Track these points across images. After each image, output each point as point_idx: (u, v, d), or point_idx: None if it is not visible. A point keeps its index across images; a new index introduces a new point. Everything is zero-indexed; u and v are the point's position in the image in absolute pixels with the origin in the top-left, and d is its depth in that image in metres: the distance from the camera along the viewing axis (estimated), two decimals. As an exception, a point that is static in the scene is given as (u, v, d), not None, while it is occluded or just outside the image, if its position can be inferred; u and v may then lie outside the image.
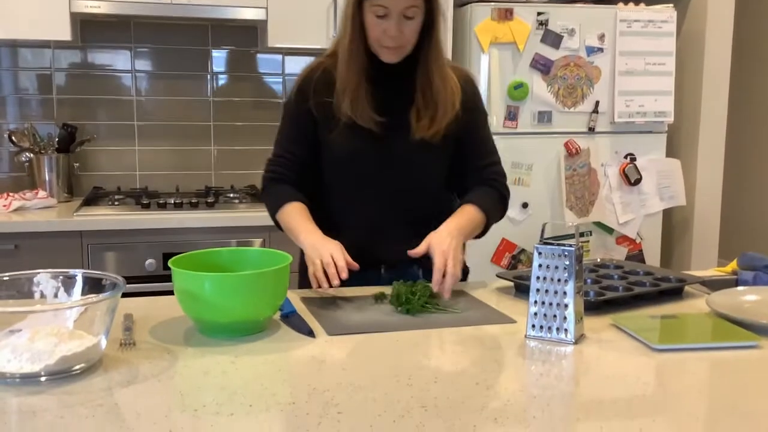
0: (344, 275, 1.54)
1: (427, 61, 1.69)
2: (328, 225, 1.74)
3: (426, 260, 1.74)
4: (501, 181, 1.81)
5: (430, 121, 1.70)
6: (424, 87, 1.70)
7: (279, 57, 3.31)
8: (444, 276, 1.55)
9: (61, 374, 1.14)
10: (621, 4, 2.98)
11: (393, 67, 1.71)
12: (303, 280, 1.78)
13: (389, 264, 1.76)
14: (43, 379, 1.13)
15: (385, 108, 1.70)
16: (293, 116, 1.78)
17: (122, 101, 3.18)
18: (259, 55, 3.30)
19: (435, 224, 1.77)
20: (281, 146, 1.79)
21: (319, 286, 1.56)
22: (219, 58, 3.26)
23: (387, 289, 1.61)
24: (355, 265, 1.58)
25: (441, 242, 1.59)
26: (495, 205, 1.77)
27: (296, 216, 1.70)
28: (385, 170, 1.73)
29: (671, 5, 3.03)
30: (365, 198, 1.75)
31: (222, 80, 3.28)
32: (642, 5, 2.99)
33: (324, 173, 1.78)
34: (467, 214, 1.70)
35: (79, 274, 1.32)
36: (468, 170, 1.80)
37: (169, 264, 1.37)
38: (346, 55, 1.68)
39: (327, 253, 1.56)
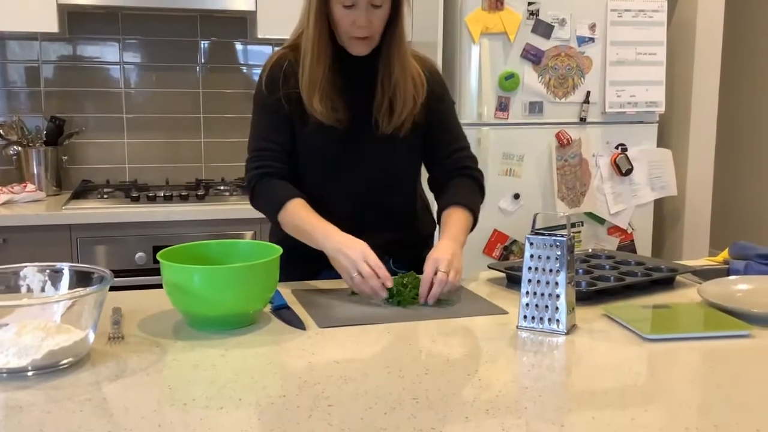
0: (389, 284, 1.50)
1: (389, 51, 1.66)
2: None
3: (401, 254, 1.73)
4: (474, 167, 1.79)
5: (390, 114, 1.67)
6: (384, 78, 1.67)
7: (269, 48, 3.29)
8: (432, 287, 1.51)
9: (49, 369, 1.13)
10: (612, -6, 2.97)
11: (358, 61, 1.67)
12: (287, 267, 1.76)
13: None
14: (30, 373, 1.12)
15: (353, 103, 1.68)
16: (268, 106, 1.70)
17: (111, 93, 3.16)
18: (248, 47, 3.27)
19: (409, 218, 1.79)
20: (261, 139, 1.71)
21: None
22: (208, 49, 3.24)
23: None
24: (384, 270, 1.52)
25: (437, 253, 1.55)
26: (476, 197, 1.76)
27: (305, 215, 1.62)
28: (356, 166, 1.71)
29: (662, -5, 3.02)
30: (338, 193, 1.72)
31: (211, 72, 3.25)
32: (633, -5, 2.98)
33: (297, 166, 1.75)
34: (457, 222, 1.67)
35: (66, 267, 1.30)
36: (438, 159, 1.78)
37: (158, 257, 1.36)
38: (314, 49, 1.62)
39: (363, 263, 1.49)
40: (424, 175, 1.86)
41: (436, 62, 1.84)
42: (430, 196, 1.87)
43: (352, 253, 1.51)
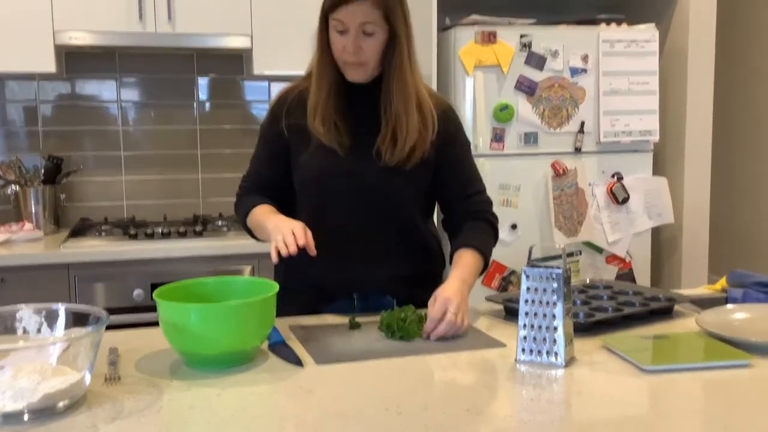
0: (312, 251, 1.51)
1: (389, 80, 1.66)
2: (298, 251, 1.72)
3: (399, 289, 1.72)
4: (489, 211, 1.78)
5: (393, 145, 1.66)
6: (385, 106, 1.67)
7: (265, 84, 3.31)
8: (440, 324, 1.50)
9: (45, 412, 1.12)
10: (603, 25, 3.01)
11: (364, 90, 1.69)
12: (283, 305, 1.76)
13: (361, 293, 1.74)
14: (26, 417, 1.11)
15: (356, 130, 1.69)
16: (266, 138, 1.78)
17: (108, 131, 3.18)
18: (245, 83, 3.30)
19: (411, 254, 1.76)
20: (253, 167, 1.81)
21: (279, 258, 1.51)
22: (205, 86, 3.26)
23: (361, 318, 1.62)
24: (313, 250, 1.53)
25: (445, 292, 1.54)
26: (489, 241, 1.74)
27: (263, 212, 1.68)
28: (356, 195, 1.69)
29: (653, 24, 3.06)
30: (336, 223, 1.70)
31: (208, 108, 3.28)
32: (624, 25, 3.02)
33: (296, 197, 1.76)
34: (468, 264, 1.66)
35: (62, 308, 1.30)
36: (453, 201, 1.77)
37: (154, 296, 1.36)
38: (316, 71, 1.69)
39: (289, 230, 1.52)
40: (438, 215, 1.84)
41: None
42: (443, 236, 1.84)
43: (284, 226, 1.54)
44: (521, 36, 2.87)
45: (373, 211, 1.71)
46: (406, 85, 1.66)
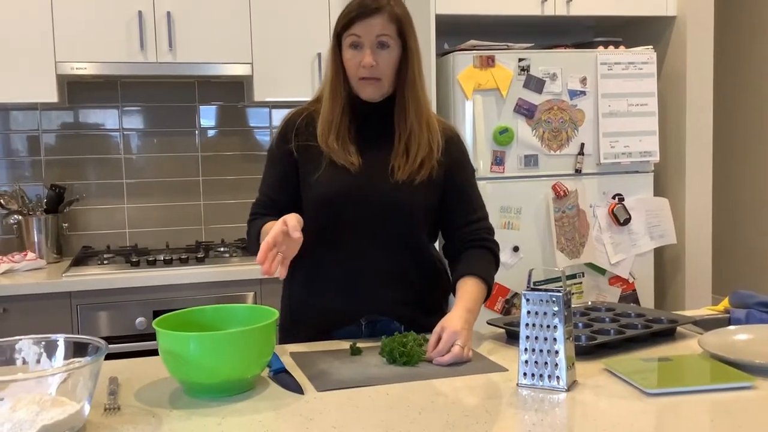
0: (295, 234, 1.45)
1: (403, 97, 1.70)
2: (307, 275, 1.72)
3: (406, 314, 1.72)
4: (490, 238, 1.79)
5: (405, 158, 1.69)
6: (399, 123, 1.70)
7: (266, 110, 3.34)
8: (446, 355, 1.51)
9: (43, 444, 1.12)
10: (601, 48, 3.03)
11: (374, 109, 1.71)
12: (287, 335, 1.76)
13: (369, 318, 1.74)
14: (24, 449, 1.11)
15: (367, 149, 1.71)
16: (275, 161, 1.78)
17: (110, 160, 3.19)
18: (246, 110, 3.32)
19: (416, 277, 1.76)
20: (262, 192, 1.80)
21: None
22: (206, 113, 3.29)
23: (364, 343, 1.61)
24: (298, 235, 1.47)
25: (453, 324, 1.55)
26: (491, 269, 1.75)
27: (267, 228, 1.62)
28: (366, 214, 1.69)
29: (650, 47, 3.07)
30: (347, 244, 1.71)
31: (210, 135, 3.30)
32: (622, 48, 3.04)
33: (305, 219, 1.76)
34: (472, 292, 1.66)
35: (61, 339, 1.30)
36: (456, 227, 1.78)
37: (153, 325, 1.35)
38: (329, 91, 1.70)
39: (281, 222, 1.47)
40: (440, 241, 1.84)
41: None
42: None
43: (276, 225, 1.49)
44: (519, 59, 2.88)
45: (384, 229, 1.71)
46: (419, 99, 1.71)
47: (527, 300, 1.36)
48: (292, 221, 1.47)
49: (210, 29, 2.90)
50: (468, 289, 1.66)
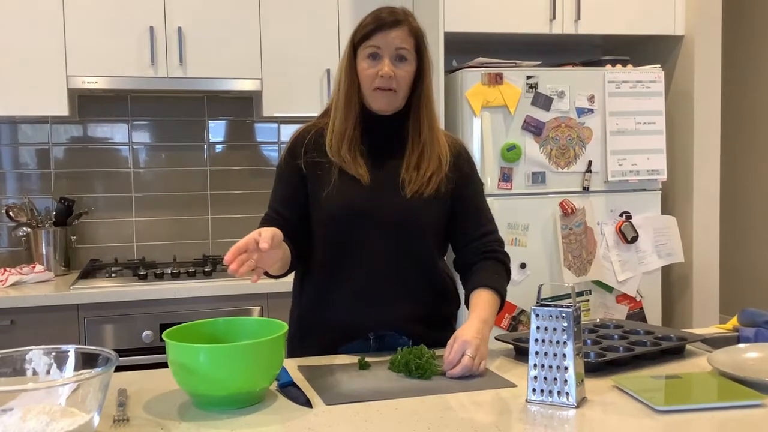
0: (264, 245, 1.43)
1: (419, 110, 1.72)
2: (317, 289, 1.73)
3: (415, 329, 1.72)
4: (501, 250, 1.79)
5: (416, 174, 1.70)
6: (413, 136, 1.72)
7: (275, 126, 3.36)
8: (456, 366, 1.51)
9: (53, 454, 1.12)
10: (609, 66, 3.04)
11: (385, 123, 1.72)
12: (295, 348, 1.76)
13: (377, 333, 1.73)
14: (33, 459, 1.11)
15: (378, 162, 1.72)
16: (283, 177, 1.78)
17: (119, 173, 3.21)
18: (255, 125, 3.34)
19: (429, 293, 1.76)
20: (271, 207, 1.79)
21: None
22: (215, 128, 3.31)
23: (373, 358, 1.61)
24: (266, 246, 1.44)
25: (465, 333, 1.55)
26: (503, 280, 1.75)
27: None
28: (376, 228, 1.69)
29: (658, 66, 3.08)
30: (356, 260, 1.71)
31: (218, 150, 3.32)
32: (629, 66, 3.05)
33: (314, 234, 1.76)
34: (487, 303, 1.66)
35: (71, 349, 1.30)
36: (466, 240, 1.78)
37: (163, 336, 1.36)
38: (343, 102, 1.70)
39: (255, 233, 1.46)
40: (450, 254, 1.84)
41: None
42: (456, 276, 1.84)
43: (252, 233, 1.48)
44: (528, 77, 2.90)
45: (394, 243, 1.70)
46: (432, 113, 1.74)
47: (536, 315, 1.36)
48: (267, 233, 1.47)
49: (220, 45, 2.92)
50: (482, 300, 1.66)
